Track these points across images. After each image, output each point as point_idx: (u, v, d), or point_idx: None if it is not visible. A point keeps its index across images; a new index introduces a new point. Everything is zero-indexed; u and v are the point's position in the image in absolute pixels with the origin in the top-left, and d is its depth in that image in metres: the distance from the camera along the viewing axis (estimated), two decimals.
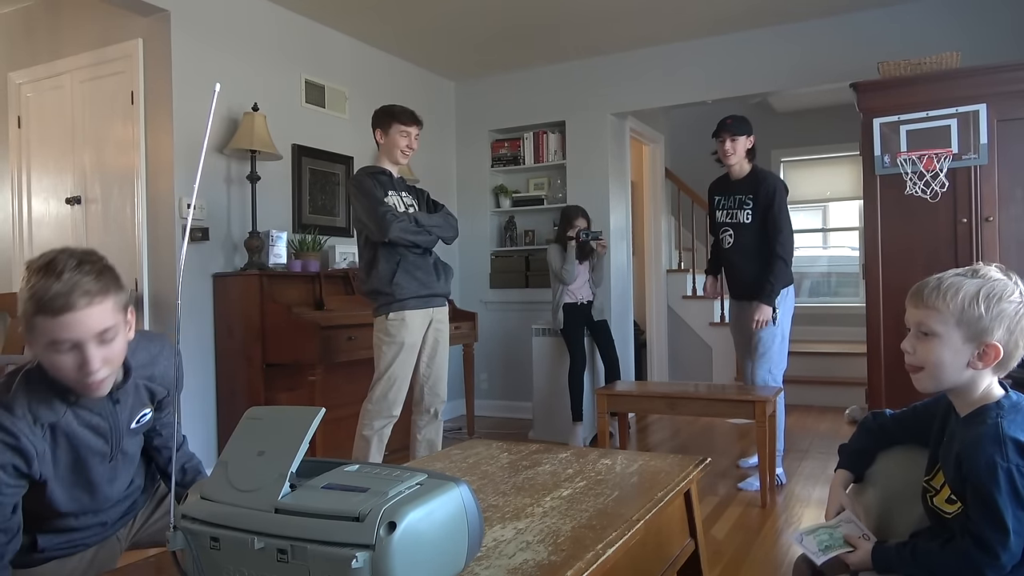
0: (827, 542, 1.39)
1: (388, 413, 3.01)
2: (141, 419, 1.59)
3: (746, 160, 3.61)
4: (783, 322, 3.57)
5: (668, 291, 6.43)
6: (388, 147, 3.12)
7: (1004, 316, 1.25)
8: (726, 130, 3.57)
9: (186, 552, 1.04)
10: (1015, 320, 1.25)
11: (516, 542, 1.28)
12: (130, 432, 1.55)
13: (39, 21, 4.12)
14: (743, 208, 3.58)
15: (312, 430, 1.06)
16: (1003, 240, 3.55)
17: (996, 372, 1.29)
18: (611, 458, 1.94)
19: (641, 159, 6.59)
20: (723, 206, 3.69)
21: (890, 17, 4.36)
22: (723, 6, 4.37)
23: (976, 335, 1.26)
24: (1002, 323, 1.25)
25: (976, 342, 1.26)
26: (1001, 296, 1.25)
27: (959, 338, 1.27)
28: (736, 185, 3.63)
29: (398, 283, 2.97)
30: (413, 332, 3.03)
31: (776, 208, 3.47)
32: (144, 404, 1.59)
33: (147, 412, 1.61)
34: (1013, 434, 1.21)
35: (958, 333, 1.27)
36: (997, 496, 1.18)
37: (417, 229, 3.00)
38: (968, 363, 1.27)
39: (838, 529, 1.42)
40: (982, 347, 1.26)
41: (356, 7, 4.27)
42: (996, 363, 1.27)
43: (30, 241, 4.17)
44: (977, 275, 1.29)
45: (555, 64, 5.37)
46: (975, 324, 1.26)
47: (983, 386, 1.30)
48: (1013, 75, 3.50)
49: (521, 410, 5.39)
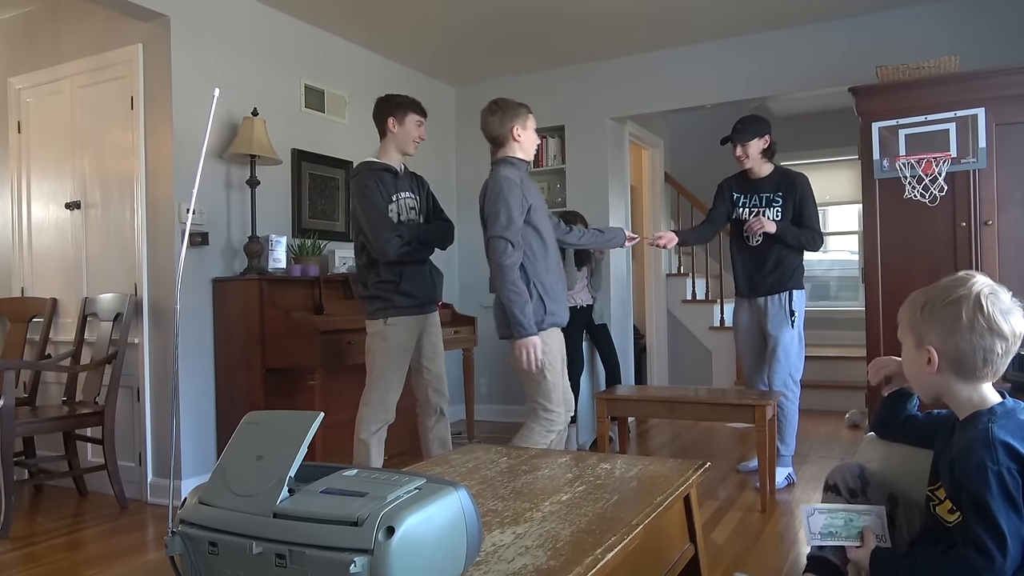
0: (834, 528, 1.36)
1: (383, 416, 3.04)
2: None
3: (763, 160, 3.66)
4: (800, 324, 3.59)
5: (668, 295, 6.43)
6: (402, 137, 3.09)
7: (939, 320, 1.28)
8: (735, 137, 3.62)
9: (184, 557, 1.04)
10: (951, 325, 1.26)
11: (515, 547, 1.28)
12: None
13: (39, 26, 4.13)
14: (771, 207, 3.61)
15: (311, 435, 1.06)
16: (1002, 244, 3.55)
17: (963, 379, 1.29)
18: (610, 462, 1.94)
19: (640, 163, 6.60)
20: (746, 204, 3.70)
21: (889, 22, 4.36)
22: (722, 11, 4.38)
23: (919, 341, 1.31)
24: (937, 328, 1.28)
25: (921, 348, 1.30)
26: (943, 303, 1.28)
27: (911, 344, 1.33)
28: (760, 184, 3.66)
29: (401, 292, 3.01)
30: (409, 337, 3.07)
31: (809, 206, 3.57)
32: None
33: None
34: (1003, 438, 1.22)
35: (910, 340, 1.33)
36: (989, 499, 1.19)
37: (417, 248, 3.03)
38: (924, 369, 1.31)
39: (860, 518, 1.38)
40: (926, 352, 1.29)
41: (356, 12, 4.27)
42: (953, 369, 1.28)
43: (29, 246, 4.17)
44: (939, 284, 1.32)
45: (555, 69, 5.38)
46: (917, 329, 1.31)
47: (964, 394, 1.31)
48: (1011, 79, 3.51)
49: (521, 414, 5.34)
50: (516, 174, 2.73)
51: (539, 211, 2.77)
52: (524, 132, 2.80)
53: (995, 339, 1.25)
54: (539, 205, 2.78)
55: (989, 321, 1.25)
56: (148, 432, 3.62)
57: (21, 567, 2.77)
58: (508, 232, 2.62)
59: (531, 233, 2.73)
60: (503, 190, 2.65)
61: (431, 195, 3.29)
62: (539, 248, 2.75)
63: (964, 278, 1.30)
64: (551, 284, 2.77)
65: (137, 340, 3.63)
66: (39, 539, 3.08)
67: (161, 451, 3.61)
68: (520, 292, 2.63)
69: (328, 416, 1.31)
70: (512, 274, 2.62)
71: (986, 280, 1.30)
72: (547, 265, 2.76)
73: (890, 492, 1.48)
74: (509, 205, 2.63)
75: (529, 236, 2.72)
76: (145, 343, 3.63)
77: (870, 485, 1.49)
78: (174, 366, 1.65)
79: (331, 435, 3.60)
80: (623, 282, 5.53)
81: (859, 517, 1.39)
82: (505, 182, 2.67)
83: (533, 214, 2.72)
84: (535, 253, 2.73)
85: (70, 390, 3.75)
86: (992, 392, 1.31)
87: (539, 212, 2.77)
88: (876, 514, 1.40)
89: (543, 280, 2.74)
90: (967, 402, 1.31)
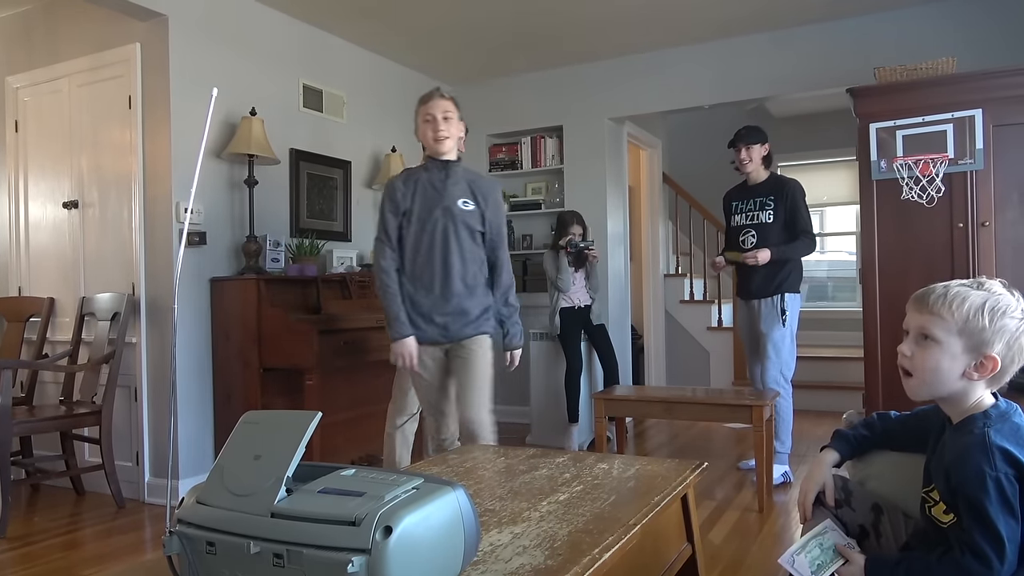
0: (819, 559, 1.36)
1: (408, 410, 2.99)
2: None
3: (762, 167, 3.82)
4: (791, 323, 3.69)
5: (666, 296, 6.44)
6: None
7: (1006, 331, 1.27)
8: (741, 140, 3.80)
9: (182, 557, 1.04)
10: (1015, 336, 1.27)
11: (512, 546, 1.28)
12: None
13: (37, 25, 4.13)
14: (764, 209, 3.75)
15: (308, 434, 1.06)
16: (999, 245, 3.56)
17: (989, 385, 1.31)
18: (608, 462, 1.94)
19: (639, 164, 6.60)
20: (741, 209, 3.84)
21: (886, 23, 4.37)
22: (720, 12, 4.38)
23: (976, 346, 1.28)
24: (1003, 337, 1.27)
25: (975, 353, 1.28)
26: (1005, 311, 1.28)
27: (959, 347, 1.29)
28: (755, 189, 3.82)
29: None
30: None
31: (801, 210, 3.70)
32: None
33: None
34: (1000, 443, 1.22)
35: (959, 342, 1.29)
36: (988, 505, 1.18)
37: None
38: (964, 373, 1.29)
39: (826, 537, 1.39)
40: (980, 358, 1.28)
41: (354, 12, 4.27)
42: (991, 376, 1.29)
43: (27, 245, 4.17)
44: (982, 287, 1.31)
45: (553, 69, 5.38)
46: (977, 335, 1.28)
47: (974, 397, 1.31)
48: (1009, 80, 3.51)
49: (518, 414, 5.38)
50: (400, 177, 2.78)
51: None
52: (419, 128, 2.77)
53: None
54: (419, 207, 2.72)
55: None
56: (145, 432, 3.62)
57: (18, 567, 2.76)
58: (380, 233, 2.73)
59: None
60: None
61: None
62: (410, 252, 2.72)
63: (997, 285, 1.32)
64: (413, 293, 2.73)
65: (135, 339, 3.62)
66: (36, 539, 3.08)
67: (159, 451, 3.60)
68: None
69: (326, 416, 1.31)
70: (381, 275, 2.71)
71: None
72: (414, 271, 2.72)
73: (873, 501, 1.48)
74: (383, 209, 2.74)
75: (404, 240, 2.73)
76: (143, 342, 3.62)
77: (853, 495, 1.49)
78: (172, 366, 1.65)
79: (329, 435, 3.60)
80: (621, 282, 5.53)
81: (824, 538, 1.39)
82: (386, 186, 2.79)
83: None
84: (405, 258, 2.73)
85: (67, 390, 3.75)
86: (987, 395, 1.32)
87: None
88: (830, 528, 1.41)
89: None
90: (971, 405, 1.31)
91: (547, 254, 4.63)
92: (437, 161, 2.73)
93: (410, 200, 2.69)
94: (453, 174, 2.73)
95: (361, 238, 4.68)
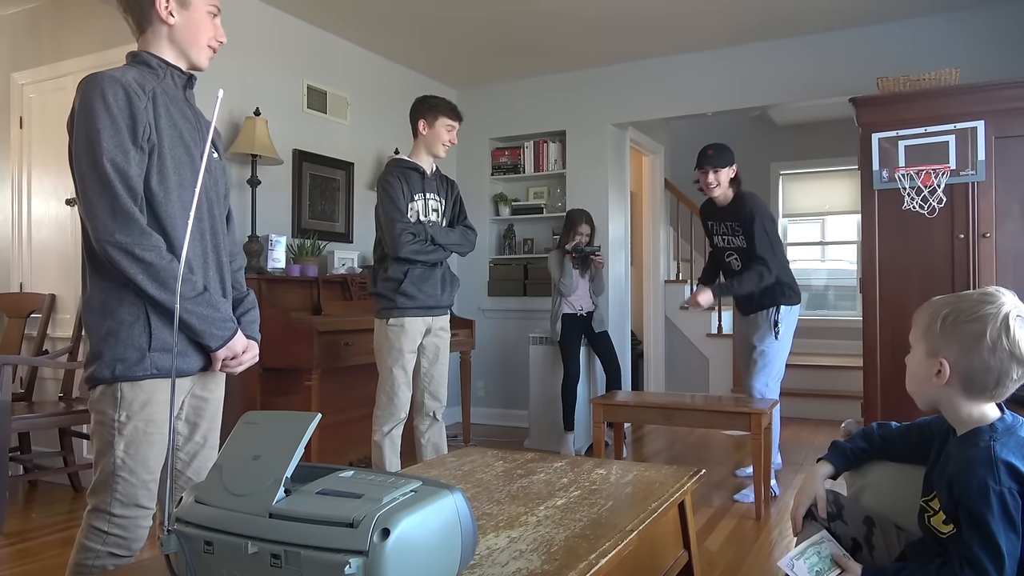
0: (818, 566, 1.37)
1: (395, 416, 3.05)
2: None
3: (730, 189, 3.57)
4: (784, 338, 3.60)
5: (666, 302, 6.44)
6: (430, 140, 3.11)
7: (960, 336, 1.25)
8: (708, 162, 3.48)
9: (180, 556, 1.04)
10: (973, 342, 1.24)
11: (509, 551, 1.28)
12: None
13: (43, 22, 4.14)
14: (736, 234, 3.59)
15: (308, 435, 1.06)
16: (1000, 256, 3.56)
17: (969, 396, 1.28)
18: (606, 468, 1.94)
19: (641, 170, 6.61)
20: (718, 231, 3.71)
21: (890, 33, 4.38)
22: (725, 19, 4.39)
23: (933, 351, 1.29)
24: (956, 343, 1.25)
25: (934, 358, 1.29)
26: (967, 318, 1.25)
27: (922, 351, 1.32)
28: (725, 211, 3.61)
29: (403, 292, 3.00)
30: (412, 339, 3.07)
31: (757, 234, 3.42)
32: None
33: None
34: (1005, 457, 1.21)
35: (922, 347, 1.32)
36: (990, 519, 1.18)
37: (431, 248, 3.04)
38: (931, 378, 1.30)
39: (823, 547, 1.40)
40: (937, 364, 1.28)
41: (359, 14, 4.29)
42: (962, 385, 1.27)
43: (29, 242, 4.17)
44: (965, 297, 1.29)
45: (557, 74, 5.39)
46: (933, 340, 1.29)
47: (965, 408, 1.29)
48: (1012, 92, 3.52)
49: (517, 418, 5.38)
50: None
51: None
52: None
53: (1014, 364, 1.22)
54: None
55: (1013, 345, 1.22)
56: None
57: (15, 563, 2.76)
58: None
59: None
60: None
61: (459, 200, 3.29)
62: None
63: (994, 295, 1.26)
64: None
65: None
66: (33, 535, 3.08)
67: None
68: None
69: (325, 417, 1.31)
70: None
71: (1015, 301, 1.26)
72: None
73: (865, 514, 1.47)
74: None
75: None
76: None
77: (845, 509, 1.49)
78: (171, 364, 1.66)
79: (328, 436, 3.60)
80: (621, 288, 5.53)
81: (821, 547, 1.40)
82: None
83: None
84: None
85: (67, 386, 3.75)
86: (992, 408, 1.29)
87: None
88: (827, 538, 1.42)
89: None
90: (967, 417, 1.29)
91: (552, 255, 4.61)
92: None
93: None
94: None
95: (362, 239, 4.69)
